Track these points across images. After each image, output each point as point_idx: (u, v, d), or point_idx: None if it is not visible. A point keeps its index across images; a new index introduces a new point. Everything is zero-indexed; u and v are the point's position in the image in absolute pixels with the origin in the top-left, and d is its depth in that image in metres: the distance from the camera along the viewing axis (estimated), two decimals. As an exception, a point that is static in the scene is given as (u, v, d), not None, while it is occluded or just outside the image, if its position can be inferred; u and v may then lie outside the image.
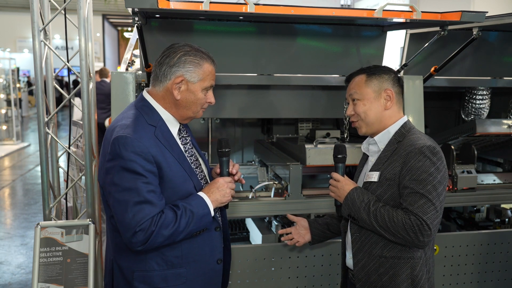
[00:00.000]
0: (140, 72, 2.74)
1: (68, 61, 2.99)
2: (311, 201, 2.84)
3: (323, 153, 2.81)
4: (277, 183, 3.06)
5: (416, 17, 2.34)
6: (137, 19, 2.23)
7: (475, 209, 3.63)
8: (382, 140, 1.93)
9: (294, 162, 2.87)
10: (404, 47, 3.39)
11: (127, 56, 3.65)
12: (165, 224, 1.63)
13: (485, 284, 3.05)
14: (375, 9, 2.30)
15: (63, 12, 2.90)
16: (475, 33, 2.74)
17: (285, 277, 2.78)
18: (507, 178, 3.53)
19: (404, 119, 1.94)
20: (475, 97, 3.41)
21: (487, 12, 2.41)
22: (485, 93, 3.40)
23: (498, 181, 3.50)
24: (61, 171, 3.20)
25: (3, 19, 19.23)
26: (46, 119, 2.81)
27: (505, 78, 3.31)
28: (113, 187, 1.65)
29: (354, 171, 3.32)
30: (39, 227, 2.51)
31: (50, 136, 2.90)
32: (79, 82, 2.77)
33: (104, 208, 1.83)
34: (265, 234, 3.07)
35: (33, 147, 10.91)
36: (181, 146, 1.83)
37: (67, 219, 3.34)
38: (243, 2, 2.15)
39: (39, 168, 5.89)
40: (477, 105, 3.42)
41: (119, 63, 7.33)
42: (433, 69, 2.95)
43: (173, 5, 2.09)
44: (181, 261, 1.76)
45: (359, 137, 3.30)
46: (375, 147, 1.97)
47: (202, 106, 1.82)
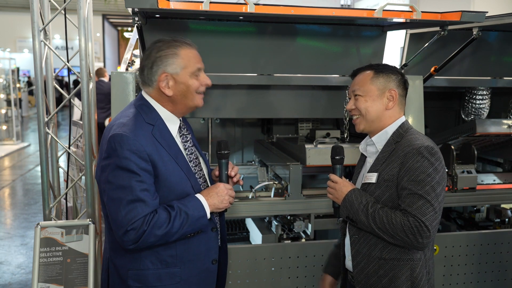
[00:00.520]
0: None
1: (68, 61, 2.99)
2: (311, 201, 2.84)
3: (323, 153, 2.81)
4: (277, 183, 3.06)
5: (416, 17, 2.34)
6: (137, 19, 2.23)
7: (475, 209, 3.63)
8: (380, 140, 1.91)
9: (294, 162, 2.87)
10: (404, 47, 3.39)
11: (127, 56, 3.65)
12: (158, 224, 1.62)
13: (485, 284, 3.05)
14: (375, 9, 2.30)
15: (63, 12, 2.90)
16: (475, 33, 2.74)
17: (285, 277, 2.78)
18: (507, 178, 3.52)
19: (402, 119, 1.91)
20: (475, 97, 3.41)
21: (487, 12, 2.41)
22: (485, 93, 3.40)
23: (498, 181, 3.50)
24: (61, 171, 3.20)
25: (3, 19, 19.24)
26: (46, 119, 2.81)
27: (505, 78, 3.30)
28: (107, 185, 1.65)
29: (353, 171, 3.34)
30: (39, 227, 2.51)
31: (50, 136, 2.90)
32: (79, 82, 2.78)
33: (102, 206, 1.83)
34: (265, 234, 3.07)
35: (33, 147, 10.91)
36: (181, 144, 1.82)
37: (67, 219, 3.34)
38: (243, 2, 2.15)
39: (39, 168, 5.89)
40: (477, 105, 3.42)
41: (119, 63, 7.33)
42: (433, 69, 2.95)
43: (173, 5, 2.09)
44: (176, 260, 1.75)
45: (359, 137, 3.30)
46: (373, 148, 1.95)
47: (197, 91, 1.78)
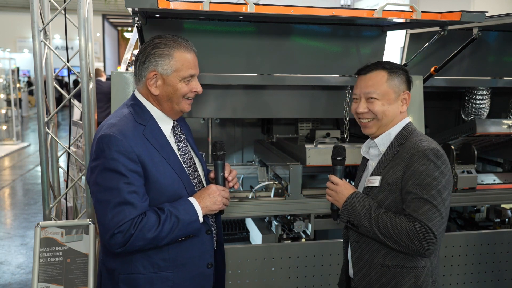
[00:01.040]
0: (140, 72, 2.73)
1: (68, 61, 2.99)
2: (311, 201, 2.84)
3: (323, 153, 2.81)
4: (277, 183, 3.06)
5: (416, 17, 2.34)
6: (137, 19, 2.23)
7: (475, 209, 3.63)
8: (383, 142, 1.84)
9: (294, 162, 2.87)
10: (404, 47, 3.39)
11: (127, 56, 3.66)
12: (147, 227, 1.58)
13: (485, 284, 3.05)
14: (375, 9, 2.30)
15: (63, 12, 2.90)
16: (475, 33, 2.74)
17: (285, 277, 2.78)
18: (507, 178, 3.52)
19: (405, 120, 1.84)
20: (475, 97, 3.41)
21: (487, 12, 2.41)
22: (485, 93, 3.40)
23: (498, 181, 3.50)
24: (61, 171, 3.20)
25: (3, 19, 19.24)
26: (46, 119, 2.81)
27: (505, 78, 3.30)
28: (95, 187, 1.61)
29: (354, 172, 3.34)
30: (39, 227, 2.51)
31: (50, 136, 2.90)
32: (79, 82, 2.78)
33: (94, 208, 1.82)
34: (265, 234, 3.07)
35: (33, 147, 10.91)
36: (175, 145, 1.78)
37: (67, 219, 3.34)
38: (243, 2, 2.15)
39: (39, 168, 5.89)
40: (477, 105, 3.42)
41: (119, 63, 7.34)
42: (433, 69, 2.95)
43: (173, 5, 2.09)
44: (168, 264, 1.70)
45: (359, 137, 3.30)
46: (375, 150, 1.87)
47: (184, 96, 1.73)
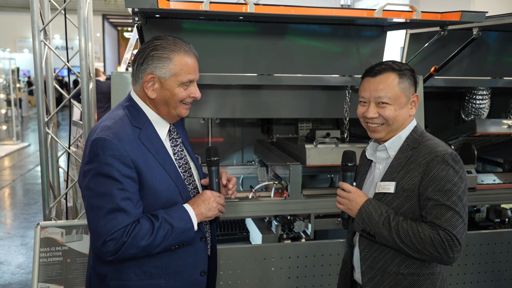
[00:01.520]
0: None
1: (68, 61, 2.99)
2: (311, 201, 2.84)
3: (323, 153, 2.81)
4: (277, 183, 3.06)
5: (416, 17, 2.34)
6: (137, 19, 2.23)
7: (475, 209, 3.63)
8: (392, 146, 1.76)
9: (294, 162, 2.87)
10: (404, 47, 3.39)
11: (127, 56, 3.65)
12: (140, 235, 1.53)
13: (485, 284, 3.05)
14: (375, 9, 2.30)
15: (63, 12, 2.90)
16: (475, 33, 2.74)
17: (285, 277, 2.78)
18: (507, 178, 3.52)
19: (414, 122, 1.78)
20: (475, 97, 3.41)
21: (487, 12, 2.41)
22: (485, 93, 3.40)
23: (498, 181, 3.50)
24: (61, 171, 3.20)
25: (3, 19, 19.24)
26: (46, 119, 2.81)
27: (505, 78, 3.31)
28: (87, 192, 1.56)
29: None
30: (39, 227, 2.51)
31: (50, 136, 2.90)
32: (79, 82, 2.78)
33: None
34: (265, 234, 3.07)
35: (33, 147, 10.91)
36: (170, 149, 1.73)
37: (67, 219, 3.34)
38: (243, 2, 2.15)
39: (39, 168, 5.89)
40: (477, 105, 3.42)
41: (119, 63, 7.34)
42: (433, 69, 2.95)
43: (173, 5, 2.09)
44: (161, 272, 1.66)
45: (359, 137, 3.31)
46: (383, 154, 1.79)
47: (182, 101, 1.68)
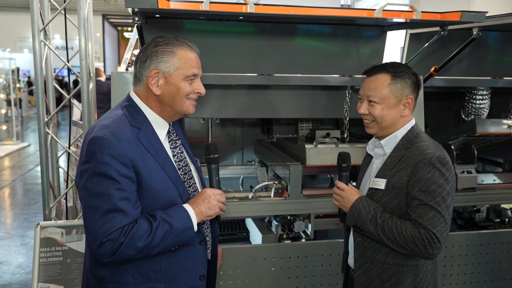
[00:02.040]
0: (140, 72, 2.73)
1: (68, 61, 2.99)
2: (311, 201, 2.84)
3: (323, 153, 2.81)
4: (277, 183, 3.06)
5: (416, 17, 2.34)
6: (137, 19, 2.23)
7: (475, 209, 3.63)
8: (388, 144, 1.88)
9: (294, 162, 2.87)
10: (404, 47, 3.39)
11: (127, 56, 3.65)
12: (137, 236, 1.50)
13: (485, 284, 3.05)
14: (375, 9, 2.30)
15: (63, 12, 2.90)
16: (475, 33, 2.74)
17: (285, 277, 2.78)
18: (507, 178, 3.53)
19: (412, 122, 1.88)
20: (475, 97, 3.41)
21: (487, 12, 2.41)
22: (485, 93, 3.40)
23: (498, 181, 3.50)
24: (61, 171, 3.20)
25: (3, 19, 19.24)
26: (46, 119, 2.81)
27: (505, 78, 3.30)
28: (84, 192, 1.53)
29: (354, 172, 3.34)
30: (39, 227, 2.51)
31: (50, 136, 2.90)
32: (79, 82, 2.78)
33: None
34: (265, 234, 3.07)
35: (33, 147, 10.91)
36: (169, 150, 1.71)
37: (67, 219, 3.34)
38: (243, 2, 2.15)
39: (39, 168, 5.89)
40: (477, 105, 3.42)
41: (119, 63, 7.34)
42: (433, 69, 2.95)
43: (173, 5, 2.09)
44: (159, 275, 1.63)
45: (359, 137, 3.31)
46: (380, 150, 1.92)
47: (187, 97, 1.67)
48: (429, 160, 1.73)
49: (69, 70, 3.05)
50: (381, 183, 1.83)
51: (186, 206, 1.64)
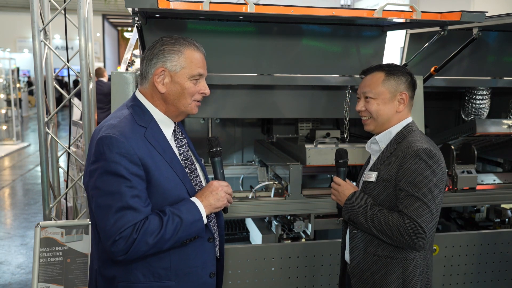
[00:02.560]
0: (140, 72, 2.73)
1: (68, 61, 2.99)
2: (311, 201, 2.84)
3: (323, 153, 2.82)
4: (277, 183, 3.06)
5: (416, 17, 2.34)
6: (137, 19, 2.23)
7: (475, 209, 3.63)
8: (383, 140, 1.94)
9: (294, 162, 2.87)
10: (404, 47, 3.39)
11: (127, 56, 3.65)
12: (149, 231, 1.51)
13: (485, 284, 3.05)
14: (375, 9, 2.30)
15: (63, 12, 2.90)
16: (475, 33, 2.74)
17: (285, 277, 2.78)
18: (507, 178, 3.53)
19: (408, 120, 1.94)
20: (475, 97, 3.41)
21: (487, 12, 2.41)
22: (485, 93, 3.40)
23: (498, 181, 3.51)
24: (61, 171, 3.20)
25: (3, 19, 19.24)
26: (46, 119, 2.81)
27: (505, 78, 3.30)
28: (95, 191, 1.54)
29: (354, 172, 3.34)
30: (39, 227, 2.52)
31: (50, 136, 2.90)
32: (79, 82, 2.78)
33: (90, 214, 1.71)
34: (265, 234, 3.07)
35: (33, 147, 10.91)
36: (176, 149, 1.72)
37: (67, 219, 3.34)
38: (243, 2, 2.15)
39: (39, 168, 5.89)
40: (477, 105, 3.42)
41: (119, 63, 7.34)
42: (433, 69, 2.95)
43: (173, 5, 2.09)
44: (170, 273, 1.64)
45: (359, 137, 3.31)
46: (376, 147, 1.99)
47: (192, 97, 1.69)
48: (416, 152, 1.78)
49: (69, 70, 3.05)
50: (372, 176, 1.91)
51: (193, 199, 1.66)
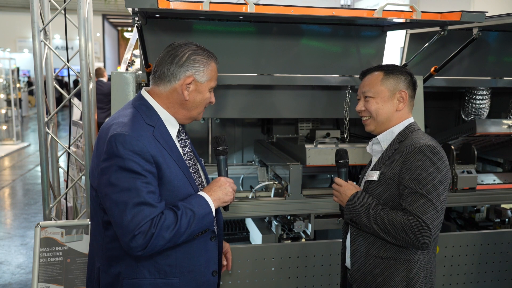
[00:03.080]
0: (140, 72, 2.74)
1: (68, 61, 2.99)
2: (311, 201, 2.84)
3: (323, 153, 2.81)
4: (277, 183, 3.06)
5: (416, 17, 2.34)
6: (137, 19, 2.23)
7: (475, 209, 3.63)
8: (385, 139, 1.92)
9: (294, 162, 2.87)
10: (404, 47, 3.39)
11: (127, 56, 3.65)
12: (166, 225, 1.54)
13: (485, 284, 3.05)
14: (375, 9, 2.30)
15: (63, 12, 2.90)
16: (475, 33, 2.74)
17: (285, 277, 2.78)
18: (507, 178, 3.52)
19: (410, 120, 1.92)
20: (475, 97, 3.41)
21: (487, 12, 2.42)
22: (485, 93, 3.40)
23: (498, 181, 3.50)
24: (61, 171, 3.20)
25: (3, 19, 19.23)
26: (46, 119, 2.81)
27: (505, 78, 3.31)
28: (109, 188, 1.54)
29: (354, 172, 3.34)
30: (39, 227, 2.52)
31: (50, 136, 2.90)
32: (79, 82, 2.78)
33: (91, 212, 1.73)
34: (265, 234, 3.07)
35: (33, 147, 10.91)
36: (180, 149, 1.75)
37: (67, 219, 3.34)
38: (243, 2, 2.15)
39: (39, 168, 5.89)
40: (477, 105, 3.42)
41: (119, 63, 7.34)
42: (433, 69, 2.95)
43: (173, 5, 2.09)
44: (175, 270, 1.67)
45: (359, 137, 3.31)
46: (378, 147, 1.96)
47: (205, 106, 1.78)
48: (419, 148, 1.76)
49: (69, 70, 3.05)
50: (374, 175, 1.88)
51: (202, 193, 1.70)
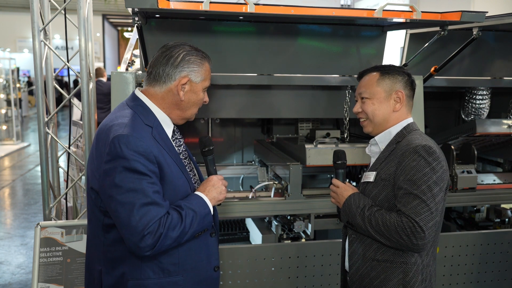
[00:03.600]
0: (140, 72, 2.74)
1: (68, 61, 2.99)
2: (311, 201, 2.84)
3: (323, 153, 2.81)
4: (277, 183, 3.06)
5: (416, 17, 2.34)
6: (137, 19, 2.23)
7: (475, 209, 3.63)
8: (383, 140, 1.90)
9: (294, 162, 2.87)
10: (404, 47, 3.39)
11: (127, 56, 3.66)
12: (173, 225, 1.57)
13: (485, 284, 3.05)
14: (375, 9, 2.30)
15: (63, 12, 2.90)
16: (475, 33, 2.74)
17: (285, 277, 2.78)
18: (507, 178, 3.52)
19: (408, 120, 1.89)
20: (475, 97, 3.41)
21: (487, 12, 2.42)
22: (485, 93, 3.40)
23: (498, 181, 3.50)
24: (61, 171, 3.20)
25: (3, 19, 19.23)
26: (46, 119, 2.81)
27: (505, 78, 3.30)
28: (114, 189, 1.54)
29: (354, 172, 3.34)
30: (39, 227, 2.52)
31: (50, 136, 2.90)
32: (79, 82, 2.78)
33: (88, 216, 1.73)
34: (265, 234, 3.07)
35: (33, 147, 10.91)
36: (176, 148, 1.77)
37: (67, 219, 3.34)
38: (243, 2, 2.15)
39: (39, 168, 5.89)
40: (477, 105, 3.42)
41: (119, 63, 7.34)
42: (433, 69, 2.95)
43: (173, 5, 2.09)
44: (178, 268, 1.69)
45: (359, 137, 3.31)
46: (376, 148, 1.94)
47: (199, 106, 1.79)
48: (414, 148, 1.74)
49: (69, 70, 3.05)
50: (371, 176, 1.86)
51: (199, 194, 1.72)
